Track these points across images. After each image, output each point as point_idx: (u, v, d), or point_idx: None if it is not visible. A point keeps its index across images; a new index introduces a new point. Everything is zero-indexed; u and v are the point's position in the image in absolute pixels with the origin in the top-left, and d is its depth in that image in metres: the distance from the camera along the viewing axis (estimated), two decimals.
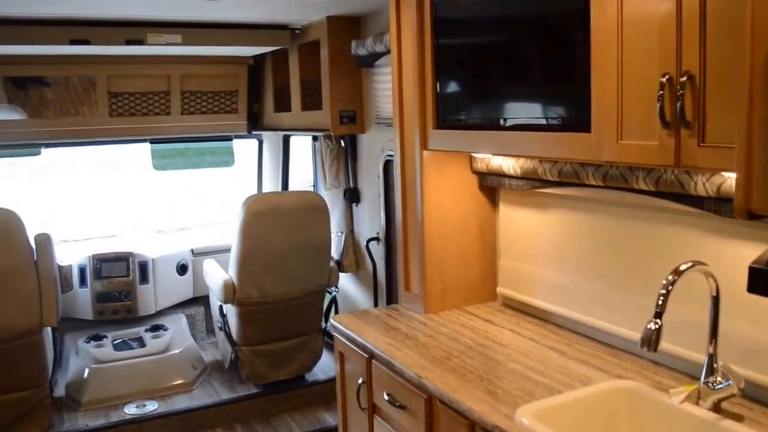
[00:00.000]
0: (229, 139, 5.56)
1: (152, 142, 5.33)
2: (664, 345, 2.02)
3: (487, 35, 2.52)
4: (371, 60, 3.97)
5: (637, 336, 1.99)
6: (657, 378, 2.22)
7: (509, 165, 2.82)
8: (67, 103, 4.88)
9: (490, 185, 3.10)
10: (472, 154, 3.04)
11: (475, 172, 3.11)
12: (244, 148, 5.86)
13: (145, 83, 4.99)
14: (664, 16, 1.71)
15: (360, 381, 2.87)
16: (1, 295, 3.79)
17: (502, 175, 2.93)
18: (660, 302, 1.82)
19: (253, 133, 5.52)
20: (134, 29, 4.09)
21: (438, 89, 2.80)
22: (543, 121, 2.23)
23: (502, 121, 2.44)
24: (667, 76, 1.70)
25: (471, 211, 3.15)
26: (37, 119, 4.82)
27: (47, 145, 5.01)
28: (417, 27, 2.83)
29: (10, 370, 3.93)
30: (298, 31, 4.51)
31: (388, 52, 3.40)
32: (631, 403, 2.08)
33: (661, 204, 2.21)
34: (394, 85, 3.09)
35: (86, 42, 4.03)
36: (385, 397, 2.63)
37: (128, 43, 4.11)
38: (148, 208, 6.30)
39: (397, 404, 2.56)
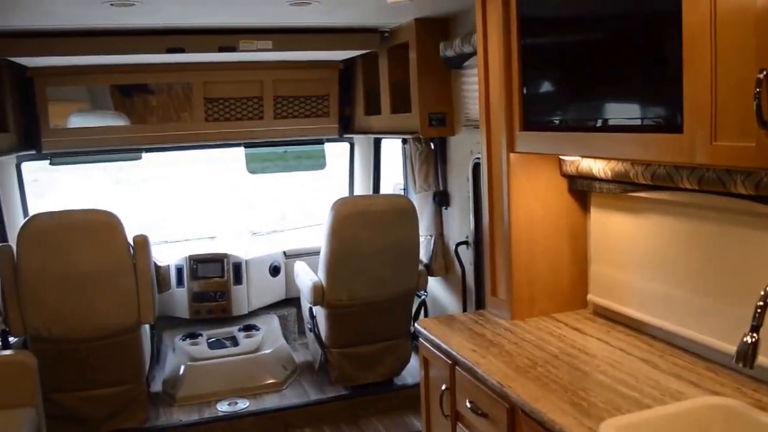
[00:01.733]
0: (320, 142, 5.63)
1: (246, 146, 5.46)
2: (764, 360, 1.88)
3: (575, 34, 2.43)
4: (459, 61, 3.92)
5: (735, 350, 1.86)
6: (757, 396, 2.07)
7: (599, 167, 2.71)
8: (170, 109, 5.08)
9: (581, 189, 2.98)
10: (561, 157, 2.94)
11: (565, 175, 3.00)
12: (337, 151, 5.92)
13: (239, 89, 5.11)
14: (760, 8, 1.58)
15: (443, 387, 2.83)
16: (102, 293, 3.97)
17: (593, 178, 2.82)
18: (756, 315, 1.69)
19: (344, 136, 5.56)
20: (227, 36, 4.20)
21: (525, 90, 2.72)
22: (632, 122, 2.12)
23: (590, 122, 2.34)
24: (764, 72, 1.57)
25: (561, 215, 3.04)
26: (139, 125, 5.03)
27: (147, 150, 5.22)
28: (503, 27, 2.76)
29: (110, 365, 4.12)
30: (386, 34, 4.51)
31: (476, 52, 3.34)
32: (727, 423, 1.94)
33: (761, 209, 2.06)
34: (481, 86, 3.03)
35: (181, 50, 4.17)
36: (468, 405, 2.58)
37: (221, 50, 4.23)
38: (243, 211, 6.48)
39: (480, 412, 2.50)
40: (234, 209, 6.59)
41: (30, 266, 3.86)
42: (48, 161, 5.04)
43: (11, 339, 4.11)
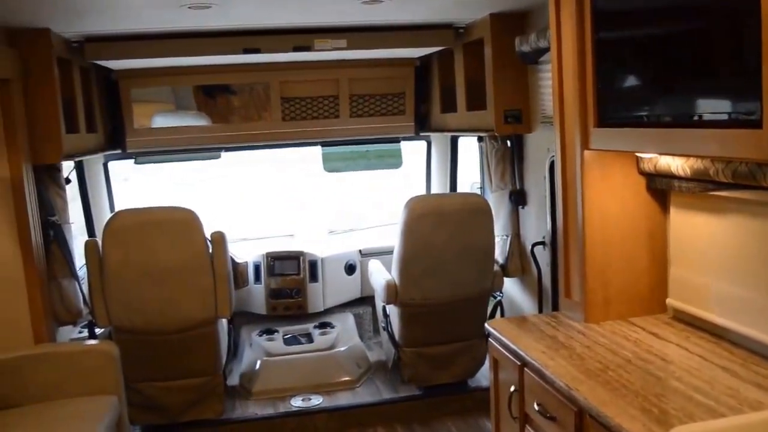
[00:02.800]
0: (397, 141, 5.62)
1: (323, 145, 5.51)
2: None
3: (650, 27, 2.32)
4: (535, 56, 3.84)
5: None
6: None
7: (678, 165, 2.59)
8: (252, 109, 5.18)
9: (659, 187, 2.87)
10: (638, 154, 2.83)
11: (642, 173, 2.89)
12: (414, 149, 5.90)
13: (315, 88, 5.16)
14: None
15: (512, 389, 2.78)
16: (181, 288, 4.09)
17: (672, 176, 2.70)
18: None
19: (421, 134, 5.53)
20: (301, 36, 4.25)
21: (599, 85, 2.64)
22: (710, 117, 2.02)
23: (666, 118, 2.24)
24: None
25: (638, 215, 2.93)
26: (218, 124, 5.16)
27: (227, 149, 5.35)
28: (576, 21, 2.68)
29: (188, 357, 4.24)
30: (461, 30, 4.46)
31: None
32: None
33: None
34: (554, 81, 2.96)
35: (257, 50, 4.25)
36: (536, 407, 2.53)
37: (296, 49, 4.28)
38: (320, 209, 6.56)
39: (548, 415, 2.44)
40: (312, 208, 6.68)
41: (114, 260, 4.02)
42: (133, 160, 5.24)
43: (97, 330, 4.29)
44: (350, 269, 5.52)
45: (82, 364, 3.69)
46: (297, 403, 4.56)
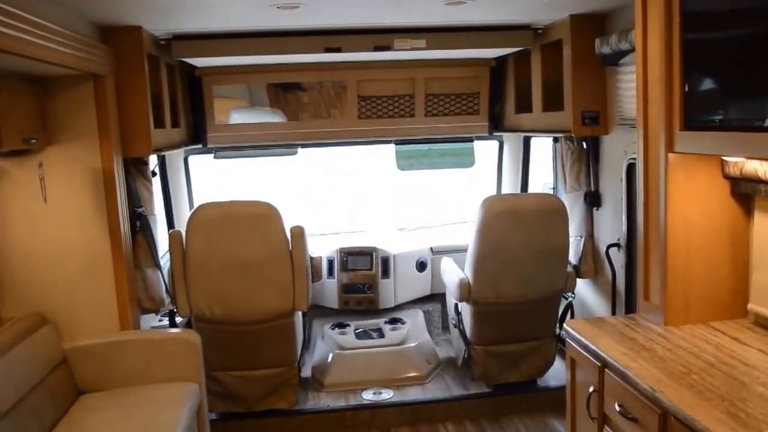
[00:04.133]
0: (470, 140, 5.64)
1: (397, 143, 5.58)
2: None
3: (741, 28, 2.30)
4: (616, 58, 3.82)
5: None
6: None
7: (765, 169, 2.56)
8: (321, 107, 5.29)
9: (744, 192, 2.83)
10: (724, 158, 2.80)
11: (727, 177, 2.86)
12: (484, 149, 5.92)
13: (392, 87, 5.23)
14: None
15: (591, 389, 2.79)
16: (261, 280, 4.21)
17: (758, 180, 2.66)
18: None
19: (494, 134, 5.55)
20: (382, 36, 4.31)
21: (686, 88, 2.62)
22: None
23: (756, 122, 2.21)
24: None
25: (721, 219, 2.90)
26: (294, 121, 5.28)
27: (303, 146, 5.47)
28: (664, 22, 2.67)
29: (265, 348, 4.37)
30: (540, 31, 4.47)
31: (634, 49, 3.25)
32: None
33: None
34: (639, 83, 2.95)
35: (338, 50, 4.34)
36: (617, 408, 2.53)
37: (377, 49, 4.35)
38: (392, 206, 6.62)
39: (629, 416, 2.45)
40: (383, 205, 6.75)
41: (196, 251, 4.16)
42: (212, 155, 5.41)
43: (177, 319, 4.46)
44: (421, 266, 5.58)
45: (166, 351, 3.84)
46: (368, 396, 4.64)
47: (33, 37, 2.81)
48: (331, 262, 5.37)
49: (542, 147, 5.54)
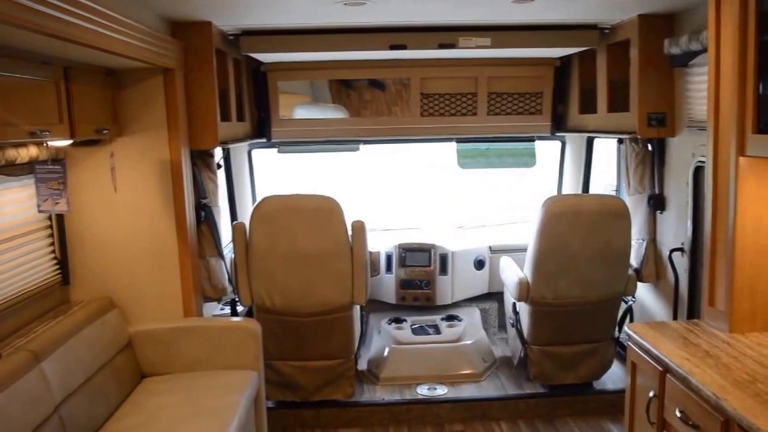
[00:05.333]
0: (531, 140, 5.60)
1: (458, 141, 5.57)
2: None
3: None
4: (685, 59, 3.74)
5: None
6: None
7: None
8: (383, 104, 5.31)
9: None
10: None
11: None
12: (546, 149, 5.86)
13: (454, 85, 5.22)
14: None
15: (651, 394, 2.75)
16: (321, 273, 4.28)
17: None
18: None
19: (556, 134, 5.49)
20: (447, 34, 4.31)
21: (760, 90, 2.55)
22: None
23: None
24: None
25: None
26: (357, 118, 5.33)
27: (365, 142, 5.51)
28: (739, 23, 2.60)
29: (323, 340, 4.43)
30: (606, 31, 4.40)
31: (705, 50, 3.18)
32: None
33: None
34: (710, 85, 2.88)
35: (403, 47, 4.36)
36: (678, 414, 2.49)
37: (441, 47, 4.35)
38: (452, 204, 6.62)
39: (690, 423, 2.41)
40: (443, 202, 6.76)
41: (259, 243, 4.25)
42: (276, 149, 5.50)
43: (239, 308, 4.55)
44: (479, 264, 5.57)
45: (226, 339, 3.94)
46: (423, 391, 4.66)
47: (109, 31, 2.92)
48: (389, 258, 5.41)
49: (605, 148, 5.46)
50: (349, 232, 4.34)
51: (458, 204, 6.68)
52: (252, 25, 4.22)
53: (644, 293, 4.70)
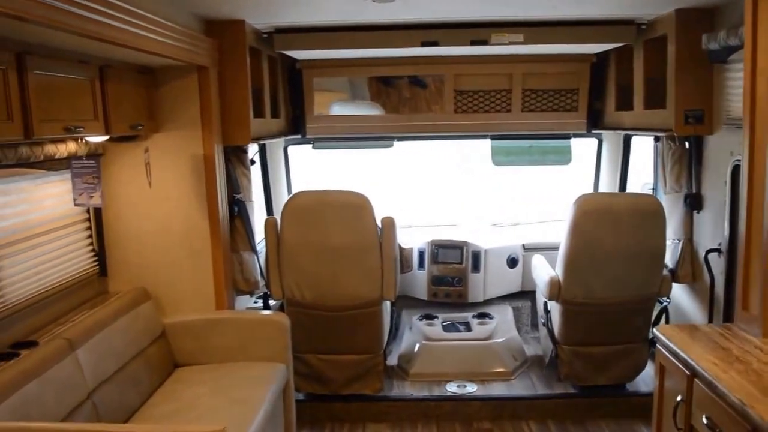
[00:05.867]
0: (567, 137, 5.53)
1: (493, 138, 5.53)
2: None
3: None
4: (724, 55, 3.65)
5: None
6: None
7: None
8: (423, 101, 5.30)
9: None
10: None
11: None
12: (583, 146, 5.79)
13: (488, 81, 5.18)
14: None
15: (678, 399, 2.70)
16: (351, 267, 4.31)
17: None
18: None
19: (592, 132, 5.40)
20: (479, 30, 4.28)
21: None
22: None
23: None
24: None
25: None
26: (391, 114, 5.33)
27: (399, 139, 5.51)
28: None
29: (352, 335, 4.47)
30: (643, 27, 4.32)
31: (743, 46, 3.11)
32: None
33: None
34: (746, 81, 2.82)
35: (435, 44, 4.34)
36: (704, 421, 2.45)
37: (473, 43, 4.33)
38: (486, 201, 6.59)
39: (716, 430, 2.36)
40: (477, 200, 6.73)
41: (290, 237, 4.30)
42: (311, 145, 5.54)
43: (270, 301, 4.60)
44: (512, 262, 5.54)
45: (257, 331, 4.00)
46: (452, 388, 4.65)
47: (145, 32, 3.00)
48: (422, 254, 5.41)
49: (644, 146, 5.36)
50: (379, 228, 4.35)
51: (494, 201, 6.64)
52: (285, 23, 4.26)
53: (680, 294, 4.61)
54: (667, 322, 4.64)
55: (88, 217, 3.95)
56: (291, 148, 5.77)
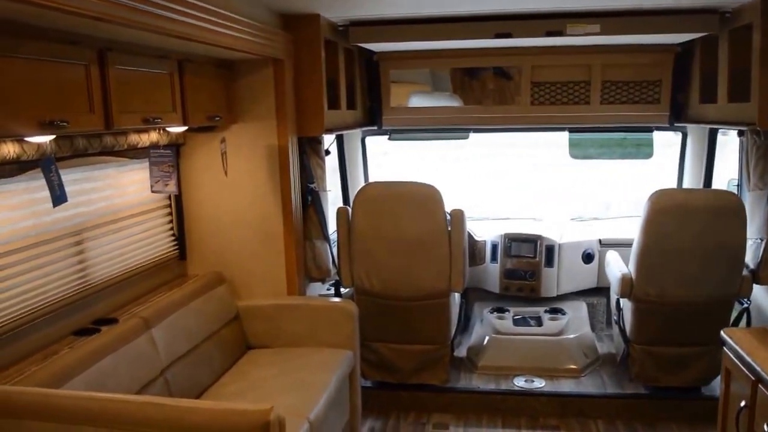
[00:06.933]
0: (649, 130, 5.35)
1: (570, 130, 5.43)
2: None
3: None
4: None
5: None
6: None
7: None
8: (506, 94, 5.26)
9: None
10: None
11: None
12: (667, 140, 5.60)
13: (566, 73, 5.07)
14: None
15: (742, 404, 2.62)
16: (419, 258, 4.37)
17: None
18: None
19: (675, 125, 5.21)
20: (554, 21, 4.22)
21: None
22: None
23: None
24: None
25: None
26: (468, 106, 5.31)
27: (475, 131, 5.50)
28: None
29: (420, 325, 4.52)
30: (728, 15, 4.13)
31: None
32: None
33: None
34: None
35: (509, 35, 4.31)
36: (766, 428, 2.37)
37: (548, 34, 4.26)
38: (564, 195, 6.48)
39: None
40: (557, 193, 6.64)
41: (361, 227, 4.39)
42: (387, 136, 5.61)
43: (342, 289, 4.72)
44: (588, 258, 5.44)
45: (325, 318, 4.10)
46: (519, 383, 4.64)
47: (222, 28, 3.15)
48: (494, 247, 5.39)
49: (732, 139, 5.14)
50: (449, 220, 4.38)
51: (573, 196, 6.53)
52: (360, 15, 4.33)
53: (763, 296, 4.41)
54: (748, 324, 4.45)
55: (170, 203, 4.17)
56: (368, 139, 5.86)
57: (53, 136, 2.69)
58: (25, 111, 2.34)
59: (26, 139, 2.60)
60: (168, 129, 3.64)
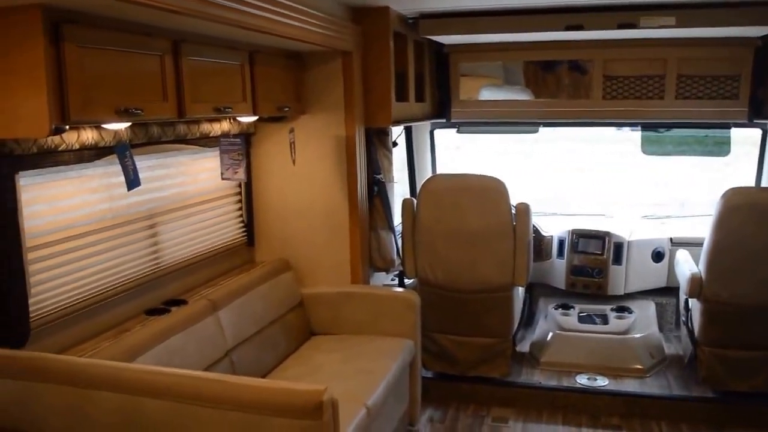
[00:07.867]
0: (726, 127, 5.17)
1: (644, 126, 5.30)
2: None
3: None
4: None
5: None
6: None
7: None
8: (581, 89, 5.17)
9: None
10: None
11: None
12: (747, 136, 5.39)
13: (640, 67, 4.92)
14: None
15: None
16: (483, 251, 4.37)
17: None
18: None
19: (755, 121, 5.01)
20: (627, 13, 4.12)
21: None
22: None
23: None
24: None
25: None
26: (539, 100, 5.25)
27: (545, 124, 5.44)
28: None
29: (482, 318, 4.53)
30: None
31: None
32: None
33: None
34: None
35: (580, 27, 4.24)
36: None
37: (620, 27, 4.17)
38: (637, 191, 6.35)
39: None
40: (630, 190, 6.51)
41: (426, 218, 4.43)
42: (456, 129, 5.61)
43: (406, 280, 4.76)
44: (658, 256, 5.31)
45: (388, 307, 4.16)
46: (582, 380, 4.59)
47: (293, 21, 3.24)
48: (561, 243, 5.32)
49: None
50: (514, 214, 4.36)
51: (647, 193, 6.39)
52: (430, 8, 4.35)
53: None
54: None
55: (239, 191, 4.30)
56: (441, 134, 5.87)
57: (129, 124, 2.83)
58: (103, 99, 2.46)
59: (104, 126, 2.74)
60: (238, 119, 3.76)
